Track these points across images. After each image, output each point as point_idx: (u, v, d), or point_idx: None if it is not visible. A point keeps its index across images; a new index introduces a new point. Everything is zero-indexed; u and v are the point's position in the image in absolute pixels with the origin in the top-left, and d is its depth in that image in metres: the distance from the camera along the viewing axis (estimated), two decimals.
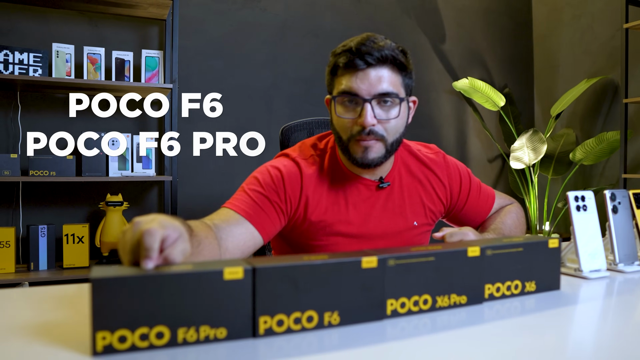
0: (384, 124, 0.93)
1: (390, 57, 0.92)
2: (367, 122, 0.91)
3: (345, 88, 0.92)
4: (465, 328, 0.58)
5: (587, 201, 0.83)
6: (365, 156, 0.94)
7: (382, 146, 0.94)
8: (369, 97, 0.91)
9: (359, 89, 0.91)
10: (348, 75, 0.92)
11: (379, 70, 0.91)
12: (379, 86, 0.91)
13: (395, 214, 1.03)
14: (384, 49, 0.91)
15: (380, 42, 0.92)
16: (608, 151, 2.65)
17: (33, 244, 1.97)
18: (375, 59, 0.90)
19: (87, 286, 0.78)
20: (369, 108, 0.91)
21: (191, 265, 0.53)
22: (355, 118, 0.93)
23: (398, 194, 1.05)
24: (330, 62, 0.97)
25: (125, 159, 2.10)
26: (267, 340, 0.53)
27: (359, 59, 0.90)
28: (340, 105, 0.94)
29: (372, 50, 0.90)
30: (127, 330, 0.49)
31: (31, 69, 1.98)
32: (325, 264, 0.55)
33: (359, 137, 0.93)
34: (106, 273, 0.49)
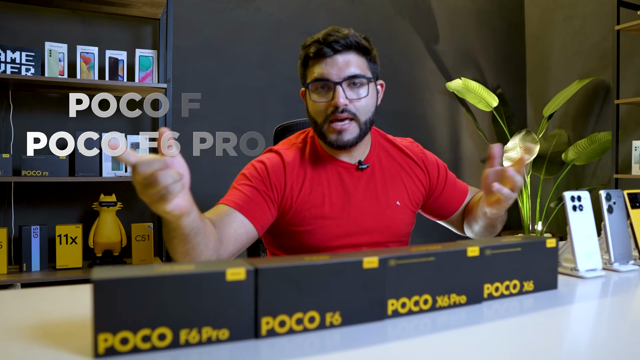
0: (355, 102, 1.01)
1: (355, 43, 1.01)
2: (340, 102, 0.99)
3: (317, 75, 1.01)
4: (465, 327, 0.59)
5: (583, 201, 0.84)
6: (340, 138, 1.02)
7: (355, 126, 1.02)
8: (339, 80, 1.00)
9: (329, 74, 1.00)
10: (318, 64, 1.01)
11: (345, 55, 1.00)
12: (347, 70, 1.00)
13: (377, 194, 1.10)
14: (349, 36, 1.00)
15: (344, 31, 1.01)
16: (600, 151, 2.68)
17: (25, 245, 1.95)
18: (341, 46, 0.99)
19: (81, 287, 0.78)
20: (340, 90, 0.99)
21: (193, 266, 0.53)
22: (329, 101, 1.01)
23: (379, 175, 1.11)
24: (301, 54, 1.05)
25: None
26: (269, 341, 0.53)
27: (326, 47, 0.99)
28: (314, 92, 1.03)
29: (338, 38, 0.99)
30: (129, 332, 0.49)
31: (23, 68, 1.96)
32: (327, 264, 0.55)
33: (333, 117, 1.00)
34: (108, 274, 0.49)
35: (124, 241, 2.09)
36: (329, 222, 1.05)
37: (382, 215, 1.09)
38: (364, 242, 1.08)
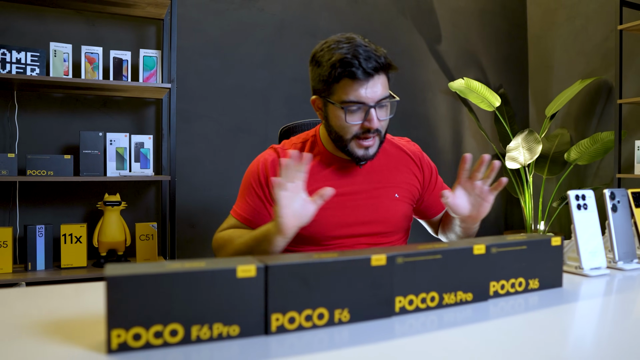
0: (382, 122, 1.06)
1: (387, 65, 1.03)
2: (375, 125, 1.03)
3: (352, 98, 1.01)
4: (471, 324, 0.59)
5: (588, 200, 0.84)
6: (367, 153, 1.07)
7: (378, 141, 1.08)
8: (373, 103, 1.02)
9: (366, 99, 1.01)
10: (354, 85, 1.01)
11: (377, 78, 1.02)
12: (379, 93, 1.02)
13: (376, 187, 1.14)
14: (382, 57, 1.02)
15: (377, 52, 1.02)
16: (602, 151, 2.68)
17: (30, 244, 1.96)
18: (374, 69, 1.00)
19: (87, 285, 0.78)
20: (374, 113, 1.02)
21: (204, 263, 0.54)
22: (362, 122, 1.03)
23: (377, 170, 1.16)
24: (325, 71, 1.03)
25: (123, 159, 2.10)
26: (279, 337, 0.54)
27: (363, 72, 0.99)
28: (348, 113, 1.03)
29: (372, 61, 1.00)
30: (141, 328, 0.50)
31: (29, 68, 1.97)
32: (336, 261, 0.56)
33: (363, 137, 1.05)
34: (121, 271, 0.50)
35: (128, 240, 2.10)
36: (329, 212, 1.09)
37: (381, 207, 1.13)
38: (364, 232, 1.12)
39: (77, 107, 2.19)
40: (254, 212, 1.11)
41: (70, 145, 2.16)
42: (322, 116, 1.10)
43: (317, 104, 1.11)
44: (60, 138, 2.16)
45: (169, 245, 2.19)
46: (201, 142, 2.41)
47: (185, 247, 2.34)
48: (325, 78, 1.03)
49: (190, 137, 2.39)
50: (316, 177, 1.12)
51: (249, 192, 1.12)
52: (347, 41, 1.02)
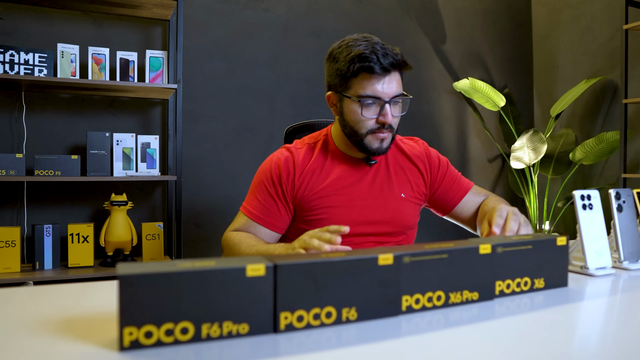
0: (395, 119, 1.09)
1: (402, 62, 1.07)
2: (390, 119, 1.06)
3: (369, 92, 1.05)
4: (477, 323, 0.60)
5: (593, 200, 0.85)
6: (381, 146, 1.10)
7: (390, 137, 1.11)
8: (388, 99, 1.06)
9: (382, 94, 1.05)
10: (370, 80, 1.05)
11: (393, 75, 1.06)
12: (395, 89, 1.06)
13: (383, 187, 1.16)
14: (398, 55, 1.06)
15: (394, 50, 1.06)
16: (607, 151, 2.68)
17: (38, 244, 1.98)
18: (392, 65, 1.04)
19: (95, 285, 0.79)
20: (389, 108, 1.06)
21: (214, 262, 0.55)
22: (377, 117, 1.07)
23: (385, 170, 1.18)
24: (343, 66, 1.06)
25: (130, 159, 2.11)
26: (288, 335, 0.55)
27: (380, 67, 1.03)
28: (364, 107, 1.07)
29: (389, 57, 1.04)
30: (153, 325, 0.51)
31: (36, 69, 1.98)
32: (344, 261, 0.57)
33: (379, 131, 1.08)
34: (133, 270, 0.51)
35: (135, 240, 2.12)
36: (338, 211, 1.12)
37: (388, 207, 1.15)
38: (371, 231, 1.14)
39: (84, 108, 2.21)
40: (265, 210, 1.13)
41: (77, 145, 2.18)
42: (337, 112, 1.13)
43: (332, 99, 1.13)
44: (67, 138, 2.18)
45: (175, 244, 2.20)
46: (207, 142, 2.42)
47: (191, 246, 2.35)
48: (343, 72, 1.06)
49: (196, 137, 2.40)
50: (326, 175, 1.14)
51: (261, 190, 1.14)
52: (365, 39, 1.07)
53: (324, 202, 1.13)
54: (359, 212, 1.14)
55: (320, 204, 1.13)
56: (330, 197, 1.13)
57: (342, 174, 1.15)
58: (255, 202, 1.14)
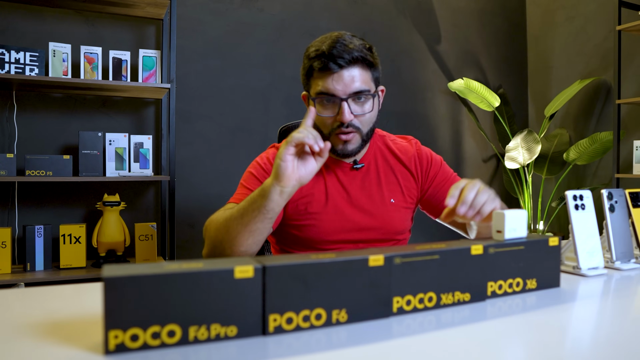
0: (360, 117, 1.04)
1: (360, 57, 1.01)
2: (346, 118, 1.01)
3: (322, 89, 1.01)
4: (469, 325, 0.59)
5: (585, 200, 0.84)
6: (345, 147, 1.05)
7: (358, 137, 1.06)
8: (345, 96, 1.01)
9: (335, 90, 1.00)
10: (324, 77, 1.01)
11: (351, 70, 1.00)
12: (353, 85, 1.00)
13: (371, 192, 1.13)
14: (354, 50, 1.00)
15: (349, 45, 1.00)
16: (601, 151, 2.69)
17: (29, 244, 1.96)
18: (346, 61, 0.99)
19: (86, 286, 0.78)
20: (345, 106, 1.00)
21: (202, 264, 0.54)
22: (335, 115, 1.02)
23: (374, 174, 1.14)
24: (305, 64, 1.05)
25: (123, 159, 2.10)
26: (277, 337, 0.54)
27: (332, 63, 0.99)
28: (319, 105, 1.04)
29: (343, 53, 0.99)
30: (139, 328, 0.50)
31: (27, 68, 1.97)
32: (333, 262, 0.56)
33: (339, 131, 1.03)
34: (118, 272, 0.50)
35: (128, 241, 2.10)
36: (325, 217, 1.09)
37: (376, 213, 1.11)
38: (360, 238, 1.11)
39: (76, 107, 2.19)
40: None
41: (69, 145, 2.16)
42: None
43: (305, 100, 1.12)
44: (59, 138, 2.16)
45: (169, 245, 2.19)
46: (201, 142, 2.41)
47: (185, 247, 2.34)
48: (305, 72, 1.06)
49: (190, 137, 2.39)
50: (314, 179, 1.10)
51: (251, 180, 1.09)
52: (330, 37, 1.03)
53: (312, 207, 1.10)
54: (347, 218, 1.10)
55: (308, 209, 1.09)
56: (317, 202, 1.10)
57: (330, 178, 1.12)
58: (244, 190, 1.08)
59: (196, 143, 2.40)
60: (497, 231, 0.71)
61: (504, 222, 0.70)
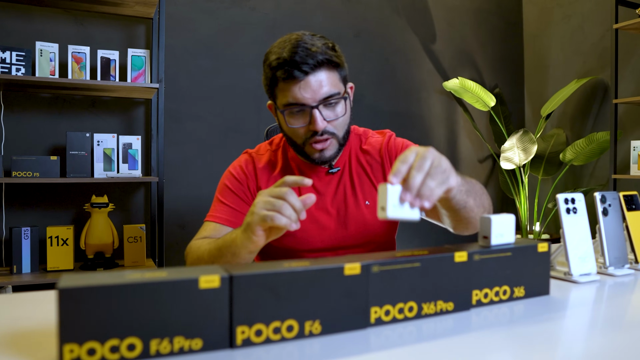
0: (333, 122, 0.98)
1: (325, 60, 0.94)
2: (319, 127, 0.95)
3: (290, 100, 0.95)
4: (453, 336, 0.56)
5: (577, 203, 0.81)
6: (322, 155, 1.00)
7: (335, 142, 1.01)
8: (314, 103, 0.95)
9: (304, 99, 0.94)
10: (289, 87, 0.95)
11: (317, 75, 0.94)
12: (321, 91, 0.94)
13: (346, 196, 1.08)
14: (318, 54, 0.93)
15: (312, 48, 0.94)
16: (598, 151, 2.66)
17: (16, 247, 1.93)
18: (311, 67, 0.93)
19: (50, 294, 0.75)
20: (317, 114, 0.95)
21: (165, 273, 0.51)
22: (307, 125, 0.97)
23: (347, 177, 1.09)
24: (267, 74, 0.99)
25: (111, 160, 2.06)
26: (245, 351, 0.51)
27: (296, 70, 0.92)
28: (289, 117, 0.98)
29: (306, 58, 0.92)
30: (96, 342, 0.47)
31: (14, 68, 1.93)
32: (306, 271, 0.53)
33: (313, 140, 0.98)
34: (74, 282, 0.47)
35: (116, 243, 2.07)
36: (302, 226, 1.02)
37: (352, 218, 1.06)
38: (336, 245, 1.06)
39: (64, 108, 2.16)
40: (234, 212, 1.05)
41: (57, 146, 2.13)
42: (277, 122, 1.06)
43: (271, 109, 1.06)
44: (47, 139, 2.12)
45: (158, 247, 2.16)
46: (192, 142, 2.38)
47: (176, 248, 2.30)
48: (268, 83, 0.99)
49: (181, 137, 2.35)
50: None
51: (226, 194, 1.07)
52: (289, 41, 0.95)
53: None
54: (322, 226, 1.05)
55: None
56: None
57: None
58: (221, 206, 1.05)
59: (187, 143, 2.36)
60: (484, 237, 0.67)
61: (490, 227, 0.66)
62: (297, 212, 0.75)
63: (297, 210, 0.75)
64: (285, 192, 0.75)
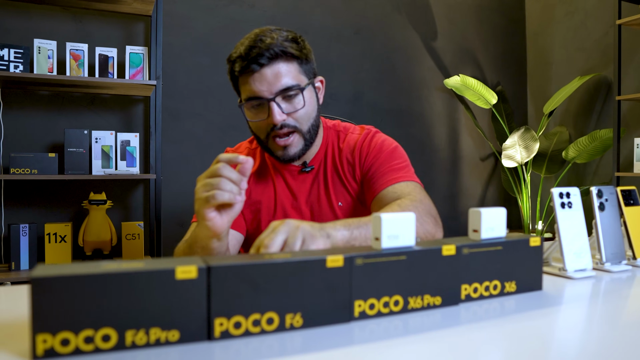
0: (293, 115, 0.96)
1: (280, 52, 0.93)
2: (276, 119, 0.94)
3: (248, 94, 0.95)
4: (440, 330, 0.55)
5: (572, 198, 0.79)
6: (286, 153, 0.99)
7: (299, 137, 0.98)
8: (271, 96, 0.94)
9: (260, 91, 0.94)
10: (247, 81, 0.95)
11: (273, 67, 0.93)
12: (278, 83, 0.93)
13: (320, 197, 1.06)
14: (272, 46, 0.92)
15: (267, 40, 0.93)
16: (601, 149, 2.63)
17: (14, 243, 1.93)
18: (266, 59, 0.92)
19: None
20: (274, 106, 0.94)
21: (142, 264, 0.49)
22: (266, 119, 0.96)
23: (322, 177, 1.07)
24: (228, 69, 1.00)
25: (109, 157, 2.06)
26: (224, 343, 0.50)
27: (253, 63, 0.92)
28: (248, 110, 0.98)
29: (261, 50, 0.92)
30: (70, 332, 0.46)
31: (12, 65, 1.93)
32: (287, 262, 0.52)
33: (274, 133, 0.96)
34: (48, 272, 0.46)
35: (114, 240, 2.06)
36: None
37: (323, 220, 1.02)
38: None
39: (63, 105, 2.15)
40: None
41: (56, 143, 2.13)
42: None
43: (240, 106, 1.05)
44: (46, 136, 2.12)
45: (156, 244, 2.15)
46: (191, 139, 2.37)
47: (174, 246, 2.28)
48: (230, 78, 1.00)
49: (179, 134, 2.35)
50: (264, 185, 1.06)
51: None
52: (250, 35, 0.96)
53: (262, 214, 1.04)
54: None
55: (258, 216, 1.04)
56: (266, 209, 1.04)
57: (279, 185, 1.07)
58: None
59: (185, 141, 2.36)
60: (474, 230, 0.66)
61: (480, 220, 0.65)
62: (236, 184, 0.74)
63: (235, 181, 0.74)
64: (219, 168, 0.74)
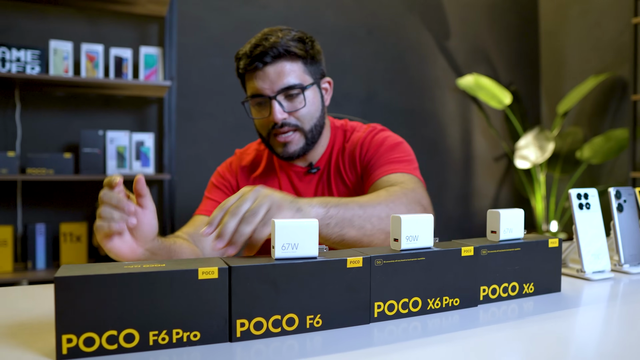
0: (295, 113, 0.97)
1: (284, 51, 0.94)
2: (277, 118, 0.95)
3: (252, 91, 0.97)
4: (459, 332, 0.55)
5: (591, 199, 0.79)
6: (285, 150, 0.99)
7: (300, 136, 0.99)
8: (273, 94, 0.95)
9: (263, 89, 0.95)
10: (252, 78, 0.97)
11: (276, 66, 0.94)
12: (281, 81, 0.94)
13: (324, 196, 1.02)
14: (276, 45, 0.93)
15: (272, 39, 0.94)
16: (616, 149, 2.60)
17: (31, 243, 1.96)
18: (271, 57, 0.93)
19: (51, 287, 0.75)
20: (275, 104, 0.95)
21: (164, 264, 0.50)
22: (268, 116, 0.97)
23: (326, 178, 1.07)
24: (235, 67, 1.02)
25: (124, 157, 2.08)
26: (244, 344, 0.50)
27: (257, 61, 0.94)
28: (253, 107, 1.00)
29: (265, 49, 0.93)
30: (94, 332, 0.47)
31: (28, 67, 1.96)
32: (307, 263, 0.52)
33: (275, 131, 0.97)
34: (72, 272, 0.47)
35: None
36: None
37: None
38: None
39: (78, 106, 2.18)
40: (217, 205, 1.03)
41: (71, 144, 2.15)
42: None
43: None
44: (62, 137, 2.15)
45: None
46: (204, 140, 2.38)
47: None
48: (238, 75, 1.02)
49: (193, 135, 2.36)
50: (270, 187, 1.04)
51: (213, 190, 1.09)
52: (258, 35, 0.98)
53: None
54: None
55: None
56: None
57: (285, 186, 1.07)
58: (207, 201, 1.07)
59: (199, 141, 2.37)
60: (492, 231, 0.66)
61: (499, 221, 0.65)
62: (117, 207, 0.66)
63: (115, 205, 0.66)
64: (100, 196, 0.68)
